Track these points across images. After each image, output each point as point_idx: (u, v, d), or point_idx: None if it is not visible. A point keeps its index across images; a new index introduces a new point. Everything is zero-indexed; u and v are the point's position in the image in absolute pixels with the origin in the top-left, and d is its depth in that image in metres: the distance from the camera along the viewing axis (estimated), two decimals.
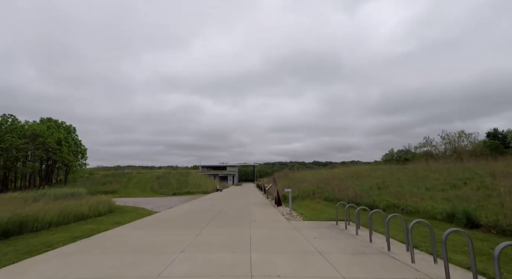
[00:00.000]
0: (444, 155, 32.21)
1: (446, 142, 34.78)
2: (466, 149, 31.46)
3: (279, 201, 15.97)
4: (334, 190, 18.42)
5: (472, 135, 33.21)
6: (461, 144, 33.41)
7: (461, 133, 34.02)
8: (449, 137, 34.50)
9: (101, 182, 33.21)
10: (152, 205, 17.82)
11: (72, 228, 8.49)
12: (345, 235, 7.61)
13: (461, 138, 33.76)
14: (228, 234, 7.80)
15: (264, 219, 10.83)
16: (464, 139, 33.67)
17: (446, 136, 34.61)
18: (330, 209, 13.69)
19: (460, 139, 33.78)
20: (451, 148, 34.00)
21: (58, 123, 36.49)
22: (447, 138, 34.63)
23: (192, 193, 30.48)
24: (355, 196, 13.85)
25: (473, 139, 32.92)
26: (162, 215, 12.36)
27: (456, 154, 28.98)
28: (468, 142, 33.30)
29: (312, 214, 12.02)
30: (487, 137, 30.22)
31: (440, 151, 35.14)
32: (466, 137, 33.59)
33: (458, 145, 33.44)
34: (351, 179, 22.21)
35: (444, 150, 34.76)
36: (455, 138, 34.10)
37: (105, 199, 13.46)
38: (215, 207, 15.64)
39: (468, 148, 31.92)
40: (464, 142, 33.60)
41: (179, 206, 16.46)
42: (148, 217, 11.52)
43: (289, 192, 12.64)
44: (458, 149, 32.15)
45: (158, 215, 12.16)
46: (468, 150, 30.43)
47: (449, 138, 34.44)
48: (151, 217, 11.57)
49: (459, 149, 31.77)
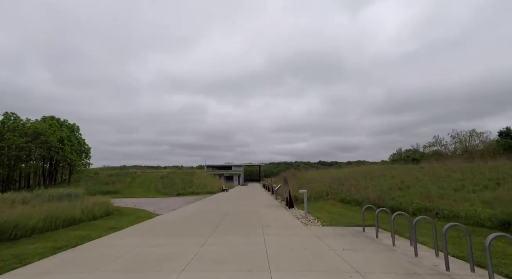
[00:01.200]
0: (454, 154, 31.14)
1: (456, 141, 33.83)
2: (477, 148, 30.36)
3: (291, 202, 14.71)
4: (350, 190, 17.08)
5: (483, 135, 32.03)
6: (472, 143, 32.40)
7: (472, 132, 33.05)
8: (460, 136, 33.63)
9: (104, 181, 32.37)
10: (155, 206, 16.73)
11: (58, 235, 7.38)
12: (380, 246, 6.32)
13: (472, 137, 32.84)
14: (239, 243, 6.58)
15: (278, 223, 9.60)
16: (476, 138, 32.65)
17: (456, 136, 33.64)
18: (349, 212, 12.38)
19: (471, 138, 32.83)
20: (461, 147, 32.99)
21: (60, 121, 35.78)
22: (457, 137, 33.74)
23: (197, 193, 29.39)
24: (377, 197, 12.50)
25: (484, 138, 31.82)
26: (163, 218, 11.21)
27: (467, 153, 27.93)
28: (479, 141, 32.28)
29: (330, 218, 10.73)
30: (499, 137, 29.06)
31: (450, 150, 34.24)
32: (477, 137, 32.55)
33: (469, 144, 32.43)
34: (364, 179, 20.85)
35: (454, 149, 33.78)
36: (466, 137, 33.18)
37: (102, 200, 12.39)
38: (221, 209, 14.46)
39: (479, 147, 30.80)
40: (476, 141, 32.59)
41: (183, 208, 15.32)
42: (148, 220, 10.38)
43: (304, 193, 11.38)
44: (469, 148, 31.18)
45: (159, 219, 11.01)
46: (479, 149, 29.30)
47: (460, 137, 33.61)
48: (151, 220, 10.42)
49: (470, 148, 30.80)
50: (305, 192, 11.43)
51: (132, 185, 31.86)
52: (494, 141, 29.60)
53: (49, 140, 29.10)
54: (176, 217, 11.27)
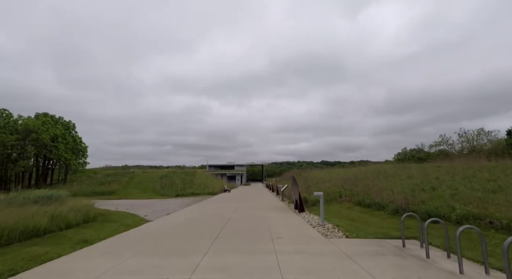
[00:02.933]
0: (461, 154, 30.07)
1: (463, 140, 32.69)
2: (484, 147, 29.26)
3: (301, 206, 12.89)
4: (366, 191, 15.22)
5: (492, 133, 30.79)
6: (480, 142, 31.29)
7: (480, 131, 31.63)
8: (467, 135, 32.32)
9: (100, 182, 30.73)
10: (148, 209, 14.97)
11: (3, 254, 5.63)
12: (443, 275, 4.47)
13: (480, 136, 31.68)
14: (243, 267, 4.77)
15: (291, 234, 7.78)
16: (483, 137, 31.47)
17: (464, 134, 32.48)
18: (372, 217, 10.52)
19: (479, 137, 31.70)
20: (469, 146, 31.88)
21: (55, 118, 34.12)
22: (464, 136, 32.59)
23: (198, 194, 27.62)
24: (404, 200, 10.61)
25: (493, 137, 30.58)
26: (152, 226, 9.43)
27: (475, 152, 26.82)
28: (487, 140, 31.10)
29: (353, 226, 8.89)
30: (507, 135, 27.56)
31: (456, 149, 33.16)
32: (485, 136, 31.38)
33: (477, 143, 31.36)
34: (377, 178, 18.98)
35: (461, 149, 32.72)
36: (473, 136, 32.01)
37: (84, 203, 10.63)
38: (222, 213, 12.67)
39: (486, 146, 29.64)
40: (484, 140, 31.42)
41: (179, 212, 13.54)
42: (134, 230, 8.60)
43: (319, 195, 9.54)
44: (476, 147, 30.13)
45: (147, 227, 9.22)
46: (487, 148, 28.18)
47: (467, 136, 32.44)
48: (137, 230, 8.63)
49: (478, 147, 29.74)
50: (320, 194, 9.60)
51: (129, 185, 30.17)
52: (502, 139, 28.34)
53: (41, 137, 27.47)
54: (168, 225, 9.48)
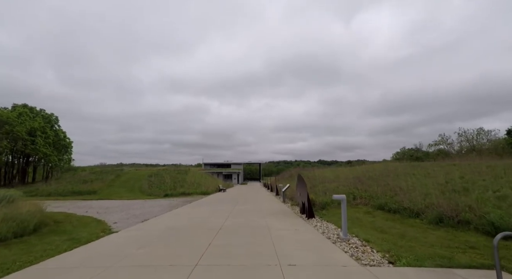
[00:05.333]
0: (460, 153, 29.76)
1: (462, 139, 32.58)
2: (484, 146, 29.07)
3: (310, 211, 10.40)
4: (385, 193, 12.80)
5: (491, 133, 30.79)
6: (480, 142, 31.22)
7: (480, 131, 31.55)
8: (467, 134, 32.26)
9: (82, 180, 27.97)
10: (123, 213, 12.39)
11: None
12: None
13: (480, 135, 31.62)
14: None
15: (307, 256, 5.27)
16: (483, 137, 31.38)
17: (463, 134, 32.30)
18: (407, 228, 8.00)
19: (479, 137, 31.62)
20: (468, 145, 31.74)
21: (35, 110, 31.06)
22: (464, 135, 32.46)
23: (189, 193, 25.03)
24: (449, 206, 8.11)
25: (492, 136, 30.50)
26: (110, 242, 6.85)
27: (475, 151, 26.59)
28: (486, 139, 30.99)
29: (388, 241, 6.42)
30: (507, 135, 27.84)
31: (455, 149, 33.05)
32: (485, 135, 31.28)
33: (476, 143, 31.28)
34: (388, 177, 16.60)
35: (460, 148, 32.61)
36: (473, 135, 31.92)
37: (27, 209, 8.01)
38: (212, 219, 10.14)
39: (486, 146, 29.34)
40: (483, 140, 31.28)
41: (158, 217, 10.97)
42: (78, 249, 6.01)
43: (342, 199, 7.02)
44: (476, 146, 29.96)
45: (101, 244, 6.64)
46: (487, 147, 27.99)
47: (467, 136, 32.29)
48: (82, 250, 6.04)
49: (478, 147, 29.55)
50: (343, 198, 7.08)
51: (114, 184, 27.43)
52: (502, 139, 28.26)
53: (16, 130, 24.66)
54: (134, 240, 6.91)
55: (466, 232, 6.92)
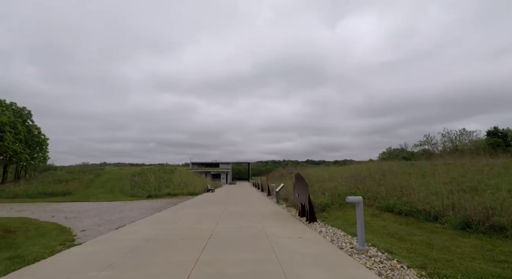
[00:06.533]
0: (443, 153, 30.33)
1: (446, 140, 33.95)
2: (466, 147, 30.04)
3: (311, 214, 9.17)
4: (392, 193, 11.78)
5: (473, 133, 32.31)
6: (463, 142, 32.42)
7: (463, 131, 32.98)
8: (450, 135, 33.59)
9: (57, 180, 25.68)
10: (96, 218, 10.75)
11: None
12: None
13: (463, 136, 33.00)
14: None
15: (324, 277, 4.01)
16: (465, 137, 32.91)
17: (447, 134, 33.62)
18: (429, 234, 6.87)
19: (462, 137, 32.95)
20: (451, 146, 32.90)
21: (4, 104, 28.22)
22: (447, 136, 33.72)
23: (175, 194, 23.37)
24: (482, 209, 7.02)
25: (474, 137, 32.08)
26: (68, 260, 5.34)
27: (458, 151, 27.14)
28: (468, 140, 32.33)
29: (415, 253, 5.25)
30: (487, 136, 29.49)
31: (439, 149, 34.23)
32: (467, 136, 32.80)
33: (459, 143, 32.37)
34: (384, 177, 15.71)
35: (443, 148, 33.76)
36: (456, 136, 33.43)
37: None
38: (200, 225, 8.73)
39: (467, 146, 30.43)
40: (466, 140, 32.59)
41: (138, 223, 9.45)
42: (18, 272, 4.49)
43: (358, 202, 5.81)
44: (459, 147, 31.12)
45: (55, 263, 5.12)
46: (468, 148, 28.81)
47: (450, 136, 33.63)
48: (25, 272, 4.52)
49: (461, 147, 30.62)
50: (359, 200, 5.87)
51: (92, 185, 25.33)
52: (483, 139, 29.50)
53: None
54: (102, 256, 5.42)
55: (504, 240, 5.86)
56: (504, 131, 30.59)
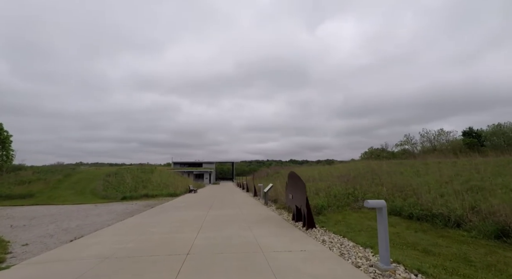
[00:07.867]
0: (422, 153, 31.05)
1: (425, 139, 34.92)
2: (443, 146, 31.05)
3: (310, 219, 7.87)
4: (395, 193, 10.74)
5: (450, 134, 33.46)
6: (440, 142, 33.45)
7: (441, 132, 34.13)
8: (428, 135, 34.67)
9: (19, 180, 22.91)
10: (51, 227, 8.89)
11: None
12: None
13: (440, 136, 34.04)
14: None
15: None
16: (443, 137, 33.98)
17: (425, 135, 34.67)
18: (458, 246, 5.68)
19: (440, 137, 34.05)
20: (430, 145, 33.81)
21: None
22: (426, 136, 34.78)
23: (153, 196, 21.44)
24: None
25: (451, 137, 33.21)
26: None
27: (436, 151, 28.02)
28: (445, 140, 33.54)
29: (451, 271, 4.04)
30: (463, 136, 30.49)
31: (418, 149, 35.10)
32: (444, 136, 33.91)
33: (437, 143, 33.42)
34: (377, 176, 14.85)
35: (422, 148, 34.64)
36: (434, 136, 34.36)
37: None
38: (178, 234, 7.17)
39: (444, 146, 31.43)
40: (443, 140, 33.74)
41: (101, 232, 7.72)
42: None
43: (381, 207, 4.55)
44: (437, 146, 31.87)
45: None
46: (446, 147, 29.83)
47: (428, 136, 34.66)
48: None
49: (439, 147, 31.42)
50: (382, 204, 4.60)
51: (60, 186, 22.80)
52: (460, 139, 30.33)
53: None
54: None
55: None
56: (479, 131, 31.42)
